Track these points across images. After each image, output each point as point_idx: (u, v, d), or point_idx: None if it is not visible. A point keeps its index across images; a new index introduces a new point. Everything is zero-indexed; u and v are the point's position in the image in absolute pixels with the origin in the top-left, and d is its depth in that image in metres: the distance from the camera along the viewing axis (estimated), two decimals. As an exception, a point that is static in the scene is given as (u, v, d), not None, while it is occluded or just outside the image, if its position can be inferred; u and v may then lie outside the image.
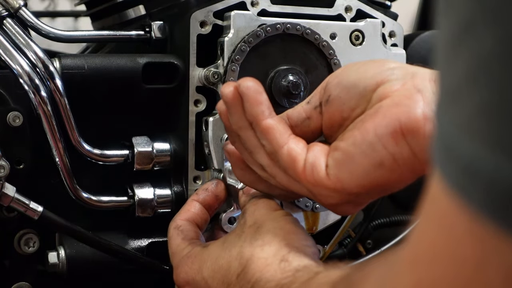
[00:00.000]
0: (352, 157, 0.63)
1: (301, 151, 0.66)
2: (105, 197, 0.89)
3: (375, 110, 0.64)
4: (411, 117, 0.61)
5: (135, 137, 0.89)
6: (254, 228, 0.69)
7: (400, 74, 0.65)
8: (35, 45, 0.85)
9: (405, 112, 0.62)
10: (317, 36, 0.89)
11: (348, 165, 0.63)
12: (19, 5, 0.87)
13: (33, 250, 0.87)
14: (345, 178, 0.64)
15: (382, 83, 0.65)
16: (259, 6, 0.90)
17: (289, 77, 0.88)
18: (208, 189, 0.84)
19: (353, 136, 0.63)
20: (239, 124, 0.69)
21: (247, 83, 0.67)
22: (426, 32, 1.02)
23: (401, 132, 0.61)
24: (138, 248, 0.90)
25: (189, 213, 0.81)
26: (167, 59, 0.90)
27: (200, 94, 0.89)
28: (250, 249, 0.67)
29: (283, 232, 0.67)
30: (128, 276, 0.91)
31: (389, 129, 0.61)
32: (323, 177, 0.64)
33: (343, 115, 0.67)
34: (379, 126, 0.62)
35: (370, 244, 1.03)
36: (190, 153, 0.89)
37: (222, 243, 0.71)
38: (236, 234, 0.71)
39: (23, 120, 0.83)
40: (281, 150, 0.66)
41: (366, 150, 0.62)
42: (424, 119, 0.61)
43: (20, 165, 0.84)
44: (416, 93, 0.63)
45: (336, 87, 0.68)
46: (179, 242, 0.77)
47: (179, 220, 0.80)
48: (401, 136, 0.61)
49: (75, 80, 0.86)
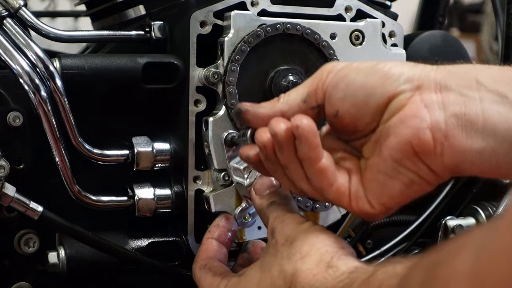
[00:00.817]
0: (385, 184, 0.67)
1: (346, 185, 0.69)
2: (105, 197, 0.89)
3: (386, 132, 0.66)
4: (421, 139, 0.64)
5: (135, 137, 0.89)
6: (288, 244, 0.69)
7: (406, 87, 0.66)
8: (35, 45, 0.85)
9: (415, 133, 0.64)
10: (317, 36, 0.89)
11: (384, 192, 0.67)
12: (19, 5, 0.87)
13: (33, 250, 0.87)
14: (386, 202, 0.68)
15: (392, 98, 0.66)
16: (259, 6, 0.90)
17: (289, 77, 0.88)
18: (219, 224, 0.85)
19: (376, 165, 0.67)
20: (288, 160, 0.69)
21: (303, 123, 0.67)
22: (426, 32, 1.02)
23: (415, 154, 0.65)
24: (138, 248, 0.90)
25: (209, 251, 0.82)
26: (167, 59, 0.90)
27: (200, 94, 0.89)
28: (291, 264, 0.67)
29: (318, 241, 0.68)
30: (128, 276, 0.91)
31: (404, 154, 0.65)
32: (368, 208, 0.68)
33: (357, 128, 0.69)
34: (394, 152, 0.66)
35: (370, 244, 1.03)
36: (190, 153, 0.89)
37: (260, 266, 0.71)
38: (272, 255, 0.70)
39: (23, 120, 0.83)
40: (330, 188, 0.69)
41: (393, 175, 0.66)
42: (433, 141, 0.64)
43: (20, 165, 0.84)
44: (423, 109, 0.65)
45: (343, 103, 0.68)
46: (210, 279, 0.77)
47: (202, 260, 0.80)
48: (416, 157, 0.65)
49: (75, 80, 0.86)
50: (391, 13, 1.00)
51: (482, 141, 0.64)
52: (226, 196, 0.88)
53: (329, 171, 0.68)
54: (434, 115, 0.64)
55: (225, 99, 0.87)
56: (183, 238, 0.91)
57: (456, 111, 0.64)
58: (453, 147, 0.64)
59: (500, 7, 1.20)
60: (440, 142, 0.64)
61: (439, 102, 0.65)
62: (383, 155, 0.66)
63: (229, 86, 0.87)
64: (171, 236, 0.91)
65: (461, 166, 0.65)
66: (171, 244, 0.91)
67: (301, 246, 0.67)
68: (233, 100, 0.87)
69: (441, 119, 0.64)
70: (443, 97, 0.65)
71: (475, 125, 0.64)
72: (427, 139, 0.64)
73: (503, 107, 0.64)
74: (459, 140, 0.64)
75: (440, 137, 0.64)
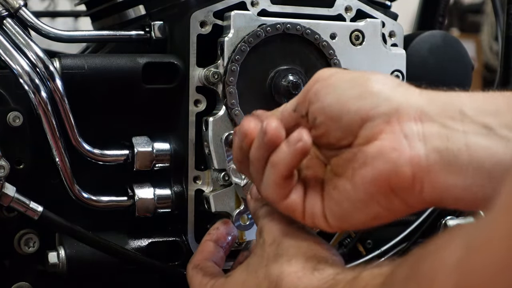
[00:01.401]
0: (348, 213, 0.64)
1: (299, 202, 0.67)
2: (105, 197, 0.89)
3: (363, 161, 0.63)
4: (399, 176, 0.61)
5: (135, 137, 0.89)
6: (275, 245, 0.68)
7: (383, 109, 0.63)
8: (35, 45, 0.85)
9: (393, 169, 0.61)
10: (317, 36, 0.89)
11: (346, 219, 0.65)
12: (19, 5, 0.87)
13: (33, 250, 0.87)
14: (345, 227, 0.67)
15: (367, 119, 0.63)
16: (259, 6, 0.90)
17: (289, 77, 0.88)
18: (219, 228, 0.85)
19: (346, 191, 0.64)
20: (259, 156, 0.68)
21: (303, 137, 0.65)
22: (426, 32, 1.02)
23: (391, 190, 0.61)
24: (138, 248, 0.90)
25: (205, 252, 0.82)
26: (167, 59, 0.90)
27: (200, 94, 0.89)
28: (276, 266, 0.66)
29: (306, 244, 0.67)
30: (128, 276, 0.91)
31: (380, 188, 0.62)
32: (324, 225, 0.66)
33: (330, 141, 0.66)
34: (368, 185, 0.62)
35: (370, 244, 1.03)
36: (190, 153, 0.89)
37: (246, 267, 0.70)
38: (258, 256, 0.70)
39: (23, 120, 0.83)
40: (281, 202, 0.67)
41: (361, 207, 0.63)
42: (413, 177, 0.60)
43: (20, 165, 0.84)
44: (402, 139, 0.61)
45: (320, 113, 0.66)
46: (200, 279, 0.76)
47: (196, 261, 0.80)
48: (392, 193, 0.62)
49: (75, 80, 0.86)
50: (391, 13, 1.00)
51: (467, 178, 0.60)
52: (226, 196, 0.88)
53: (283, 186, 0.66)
54: (414, 149, 0.60)
55: (225, 99, 0.87)
56: (183, 238, 0.91)
57: (438, 145, 0.60)
58: (435, 184, 0.60)
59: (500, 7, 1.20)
60: (420, 179, 0.60)
61: (420, 133, 0.61)
62: (356, 184, 0.63)
63: (229, 86, 0.87)
64: (171, 236, 0.91)
65: (444, 202, 0.61)
66: (171, 244, 0.91)
67: (288, 248, 0.67)
68: (233, 100, 0.87)
69: (421, 153, 0.60)
70: (424, 128, 0.61)
71: (459, 161, 0.60)
72: (406, 176, 0.60)
73: (489, 140, 0.60)
74: (441, 177, 0.60)
75: (420, 173, 0.60)
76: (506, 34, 1.10)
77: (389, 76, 0.69)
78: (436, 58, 1.00)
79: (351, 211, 0.64)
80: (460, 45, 1.03)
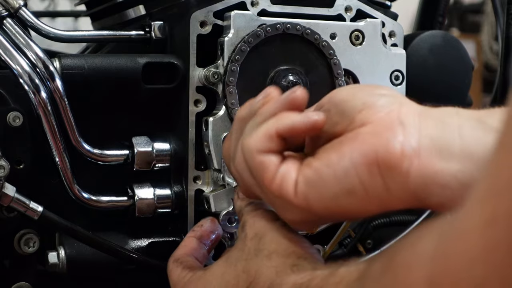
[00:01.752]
0: (324, 179, 0.62)
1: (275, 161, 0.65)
2: (105, 197, 0.89)
3: (355, 135, 0.62)
4: (389, 151, 0.60)
5: (135, 137, 0.89)
6: (256, 240, 0.68)
7: (387, 101, 0.64)
8: (35, 45, 0.85)
9: (384, 144, 0.60)
10: (317, 36, 0.89)
11: (318, 186, 0.62)
12: (19, 5, 0.87)
13: (33, 250, 0.87)
14: (313, 198, 0.62)
15: (368, 106, 0.64)
16: (259, 6, 0.90)
17: (289, 77, 0.88)
18: (203, 225, 0.84)
19: (328, 158, 0.62)
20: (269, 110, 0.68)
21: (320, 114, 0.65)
22: (426, 32, 1.02)
23: (377, 164, 0.60)
24: (138, 248, 0.90)
25: (187, 248, 0.82)
26: (167, 59, 0.90)
27: (200, 94, 0.89)
28: (256, 260, 0.66)
29: (286, 241, 0.67)
30: (128, 276, 0.91)
31: (365, 159, 0.60)
32: (291, 192, 0.63)
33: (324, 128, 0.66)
34: (355, 153, 0.61)
35: (370, 244, 1.03)
36: (190, 153, 0.89)
37: (225, 260, 0.71)
38: (239, 249, 0.70)
39: (23, 120, 0.83)
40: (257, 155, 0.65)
41: (339, 174, 0.61)
42: (402, 155, 0.60)
43: (20, 165, 0.84)
44: (398, 125, 0.61)
45: (328, 102, 0.68)
46: (179, 272, 0.77)
47: (177, 255, 0.80)
48: (377, 168, 0.60)
49: (75, 80, 0.86)
50: (391, 13, 1.00)
51: (458, 164, 0.59)
52: (226, 196, 0.88)
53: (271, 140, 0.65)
54: (407, 134, 0.61)
55: (225, 99, 0.87)
56: (183, 238, 0.91)
57: (432, 133, 0.61)
58: (423, 167, 0.59)
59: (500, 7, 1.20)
60: (409, 159, 0.60)
61: (416, 124, 0.62)
62: (342, 151, 0.62)
63: (229, 86, 0.87)
64: (171, 236, 0.91)
65: (429, 189, 0.60)
66: (171, 244, 0.91)
67: (269, 244, 0.67)
68: (233, 100, 0.87)
69: (414, 138, 0.60)
70: (421, 122, 0.62)
71: (451, 148, 0.60)
72: (395, 153, 0.60)
73: (482, 132, 0.60)
74: (430, 161, 0.60)
75: (410, 154, 0.60)
76: (506, 34, 1.10)
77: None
78: (436, 58, 1.00)
79: (328, 179, 0.62)
80: (460, 45, 1.03)
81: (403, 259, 0.43)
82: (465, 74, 1.03)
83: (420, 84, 0.98)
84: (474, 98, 1.07)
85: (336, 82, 0.90)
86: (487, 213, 0.36)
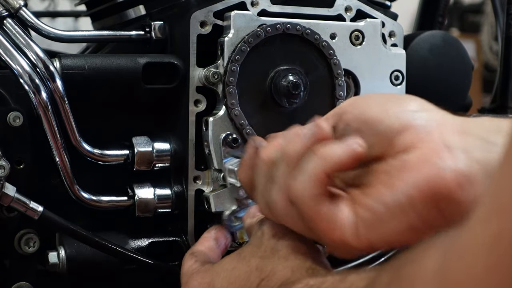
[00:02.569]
0: (382, 219, 0.59)
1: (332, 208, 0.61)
2: (105, 197, 0.89)
3: (402, 163, 0.59)
4: (443, 181, 0.57)
5: (135, 137, 0.89)
6: (274, 240, 0.68)
7: (423, 119, 0.61)
8: (35, 45, 0.85)
9: (438, 174, 0.57)
10: (317, 36, 0.89)
11: (378, 227, 0.60)
12: (19, 5, 0.87)
13: (33, 250, 0.87)
14: (375, 240, 0.60)
15: (407, 127, 0.60)
16: (259, 6, 0.90)
17: (289, 77, 0.88)
18: (218, 227, 0.85)
19: (380, 194, 0.60)
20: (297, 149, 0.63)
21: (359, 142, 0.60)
22: (426, 32, 1.02)
23: (433, 196, 0.58)
24: (138, 248, 0.90)
25: (204, 245, 0.82)
26: (167, 59, 0.90)
27: (200, 94, 0.89)
28: (273, 259, 0.66)
29: (305, 246, 0.67)
30: (128, 276, 0.91)
31: (420, 192, 0.58)
32: (353, 239, 0.60)
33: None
34: (408, 187, 0.58)
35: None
36: (190, 153, 0.89)
37: (238, 254, 0.70)
38: (254, 245, 0.69)
39: (23, 120, 0.83)
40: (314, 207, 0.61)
41: (397, 213, 0.58)
42: (457, 184, 0.57)
43: (20, 165, 0.84)
44: (444, 149, 0.58)
45: (356, 119, 0.63)
46: (191, 263, 0.76)
47: (195, 249, 0.81)
48: (432, 201, 0.58)
49: (75, 80, 0.86)
50: (391, 13, 1.00)
51: None
52: (226, 196, 0.88)
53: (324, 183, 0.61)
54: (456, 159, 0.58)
55: (225, 99, 0.87)
56: (183, 238, 0.91)
57: (479, 157, 0.58)
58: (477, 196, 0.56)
59: (500, 7, 1.20)
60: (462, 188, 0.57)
61: (461, 145, 0.59)
62: (394, 186, 0.58)
63: (229, 86, 0.87)
64: (171, 236, 0.91)
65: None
66: (171, 244, 0.91)
67: (288, 246, 0.66)
68: (233, 100, 0.87)
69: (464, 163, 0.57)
70: (465, 141, 0.59)
71: None
72: (449, 181, 0.57)
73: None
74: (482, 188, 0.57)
75: (463, 182, 0.57)
76: (506, 34, 1.10)
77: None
78: (436, 58, 1.00)
79: (386, 218, 0.59)
80: (460, 45, 1.03)
81: (407, 274, 0.43)
82: (465, 74, 1.03)
83: (420, 84, 0.98)
84: (474, 98, 1.07)
85: (336, 82, 0.90)
86: (490, 232, 0.35)
